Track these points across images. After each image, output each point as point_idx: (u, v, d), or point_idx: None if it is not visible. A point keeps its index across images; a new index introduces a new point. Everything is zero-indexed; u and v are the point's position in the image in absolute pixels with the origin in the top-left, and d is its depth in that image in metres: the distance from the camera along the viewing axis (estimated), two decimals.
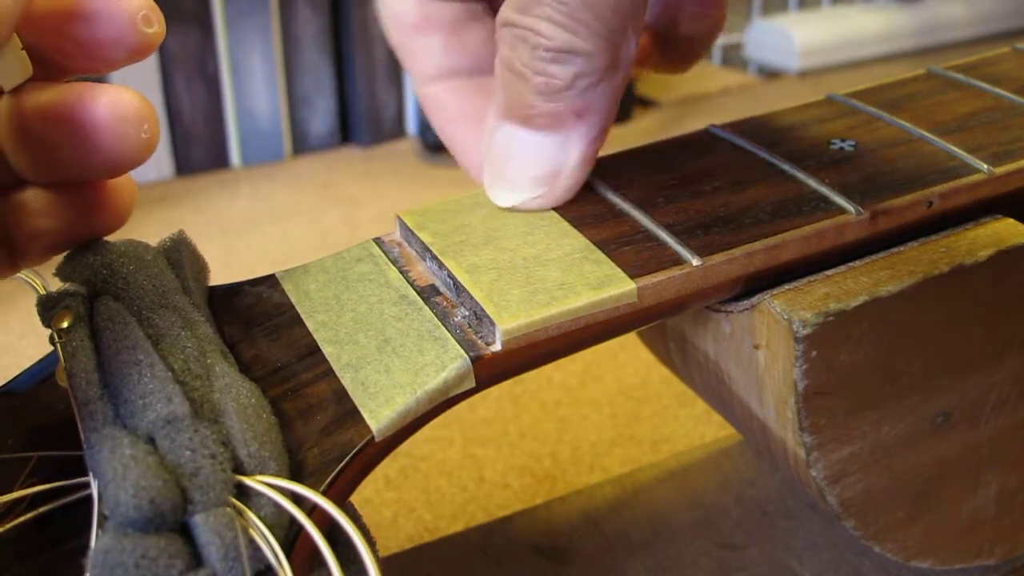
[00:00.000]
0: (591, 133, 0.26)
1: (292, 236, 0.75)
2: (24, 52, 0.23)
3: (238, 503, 0.19)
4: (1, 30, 0.21)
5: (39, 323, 0.24)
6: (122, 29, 0.23)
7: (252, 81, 0.85)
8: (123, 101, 0.23)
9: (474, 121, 0.29)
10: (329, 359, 0.24)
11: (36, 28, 0.23)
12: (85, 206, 0.25)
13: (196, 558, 0.19)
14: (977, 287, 0.27)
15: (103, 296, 0.24)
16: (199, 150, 0.85)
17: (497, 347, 0.24)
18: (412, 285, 0.26)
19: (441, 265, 0.26)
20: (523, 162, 0.26)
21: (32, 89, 0.24)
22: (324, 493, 0.21)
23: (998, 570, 0.33)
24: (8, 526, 0.20)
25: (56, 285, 0.24)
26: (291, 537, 0.20)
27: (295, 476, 0.21)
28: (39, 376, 0.24)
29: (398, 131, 0.91)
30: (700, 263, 0.25)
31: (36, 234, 0.25)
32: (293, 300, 0.26)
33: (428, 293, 0.26)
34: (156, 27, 0.24)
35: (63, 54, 0.24)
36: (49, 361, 0.24)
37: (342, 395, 0.23)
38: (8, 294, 0.26)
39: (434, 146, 0.86)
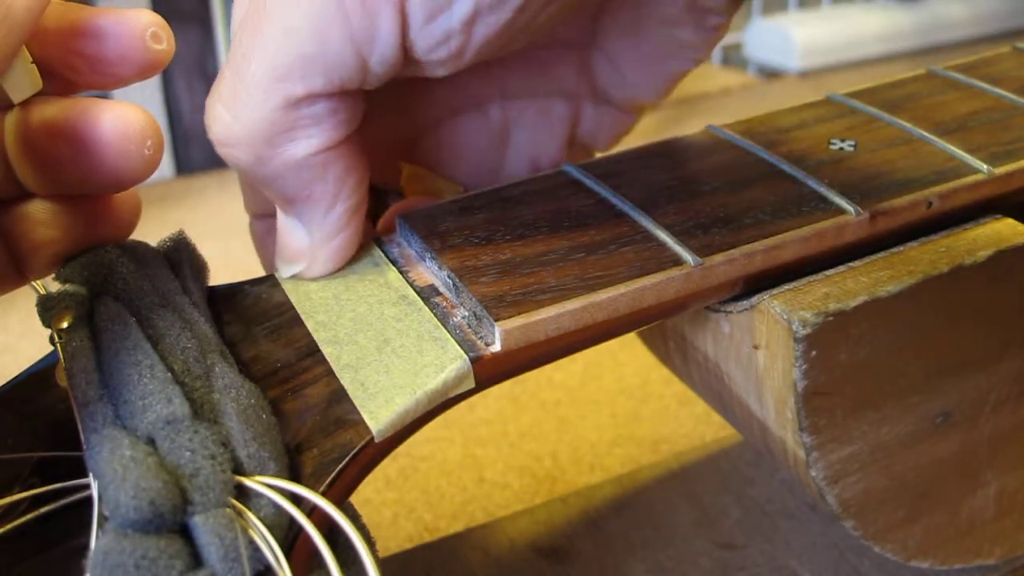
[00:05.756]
0: (317, 214, 0.26)
1: None
2: (34, 66, 0.23)
3: (238, 504, 0.19)
4: (11, 42, 0.21)
5: (39, 323, 0.24)
6: (131, 46, 0.24)
7: None
8: (128, 118, 0.23)
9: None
10: (329, 359, 0.24)
11: (45, 43, 0.23)
12: (89, 218, 0.25)
13: (196, 559, 0.19)
14: (977, 287, 0.27)
15: (103, 296, 0.24)
16: (199, 150, 0.85)
17: (497, 347, 0.24)
18: (412, 285, 0.26)
19: (441, 265, 0.26)
20: (286, 238, 0.27)
21: (40, 103, 0.24)
22: (324, 494, 0.21)
23: (998, 570, 0.33)
24: (9, 526, 0.20)
25: (56, 286, 0.24)
26: (291, 538, 0.20)
27: (295, 476, 0.21)
28: (39, 376, 0.24)
29: None
30: (700, 263, 0.25)
31: (40, 244, 0.25)
32: (293, 300, 0.26)
33: (428, 293, 0.26)
34: (165, 44, 0.24)
35: (72, 69, 0.24)
36: (49, 361, 0.24)
37: (342, 396, 0.23)
38: (8, 294, 0.26)
39: None
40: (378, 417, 0.22)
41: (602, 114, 0.32)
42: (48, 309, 0.24)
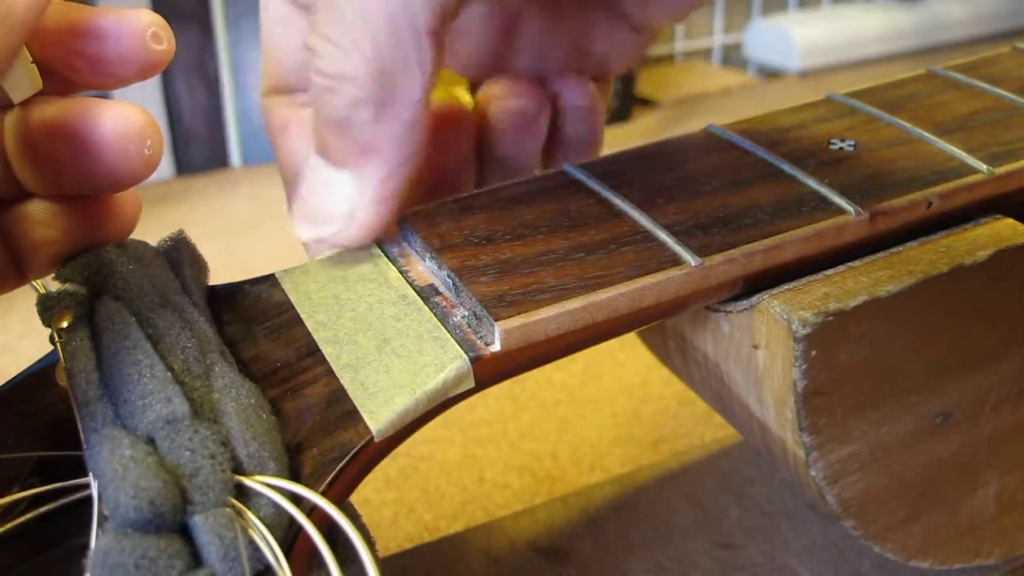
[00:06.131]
0: (380, 172, 0.25)
1: (292, 236, 0.75)
2: (34, 66, 0.23)
3: (238, 503, 0.19)
4: (11, 42, 0.21)
5: (39, 323, 0.24)
6: (131, 46, 0.24)
7: (252, 81, 0.85)
8: (127, 118, 0.23)
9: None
10: (329, 359, 0.24)
11: (46, 43, 0.24)
12: (89, 218, 0.25)
13: (196, 558, 0.19)
14: (976, 287, 0.27)
15: (103, 296, 0.24)
16: (199, 150, 0.85)
17: (496, 347, 0.24)
18: (412, 285, 0.26)
19: (441, 265, 0.26)
20: (321, 196, 0.26)
21: (40, 103, 0.24)
22: (323, 493, 0.21)
23: (998, 570, 0.33)
24: (9, 526, 0.20)
25: (56, 286, 0.24)
26: (290, 537, 0.20)
27: (294, 476, 0.21)
28: (39, 376, 0.24)
29: None
30: (700, 263, 0.25)
31: (40, 244, 0.25)
32: (293, 300, 0.26)
33: (427, 293, 0.26)
34: (165, 44, 0.24)
35: (72, 69, 0.24)
36: (49, 361, 0.24)
37: (342, 395, 0.23)
38: (8, 294, 0.26)
39: None
40: (378, 417, 0.22)
41: (615, 27, 0.32)
42: (48, 309, 0.24)
